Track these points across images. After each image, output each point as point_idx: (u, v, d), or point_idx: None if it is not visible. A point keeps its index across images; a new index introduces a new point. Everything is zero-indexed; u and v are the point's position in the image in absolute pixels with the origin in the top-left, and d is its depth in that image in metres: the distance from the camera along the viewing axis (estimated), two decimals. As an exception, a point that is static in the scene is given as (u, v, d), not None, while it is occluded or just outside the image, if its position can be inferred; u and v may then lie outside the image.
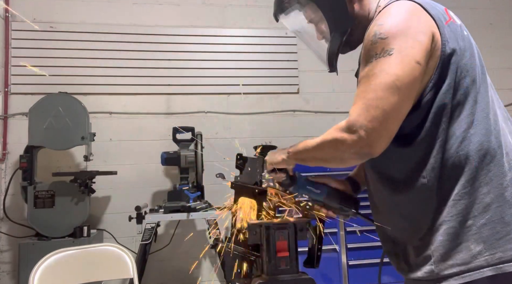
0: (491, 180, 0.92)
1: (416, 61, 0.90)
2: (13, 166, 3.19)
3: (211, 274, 3.43)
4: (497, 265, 0.88)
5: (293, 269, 1.23)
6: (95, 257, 1.86)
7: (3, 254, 3.13)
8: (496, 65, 4.02)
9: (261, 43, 3.70)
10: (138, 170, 3.39)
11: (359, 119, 0.89)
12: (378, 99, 0.89)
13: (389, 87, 0.89)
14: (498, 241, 0.89)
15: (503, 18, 4.15)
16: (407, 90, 0.90)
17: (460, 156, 0.93)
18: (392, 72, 0.89)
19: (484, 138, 0.94)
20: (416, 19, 0.94)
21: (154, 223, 2.73)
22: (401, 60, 0.90)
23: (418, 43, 0.91)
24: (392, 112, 0.89)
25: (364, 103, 0.90)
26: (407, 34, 0.92)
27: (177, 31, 3.60)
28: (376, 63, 0.92)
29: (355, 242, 2.96)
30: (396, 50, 0.90)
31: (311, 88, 3.71)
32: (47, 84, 3.26)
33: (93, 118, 3.18)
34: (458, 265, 0.90)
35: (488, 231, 0.90)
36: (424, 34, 0.92)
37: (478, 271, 0.88)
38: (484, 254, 0.89)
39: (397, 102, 0.89)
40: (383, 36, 0.92)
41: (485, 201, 0.91)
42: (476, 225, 0.91)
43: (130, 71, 3.45)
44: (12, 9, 3.34)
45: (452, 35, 0.97)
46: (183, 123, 3.33)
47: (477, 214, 0.91)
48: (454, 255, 0.91)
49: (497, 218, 0.91)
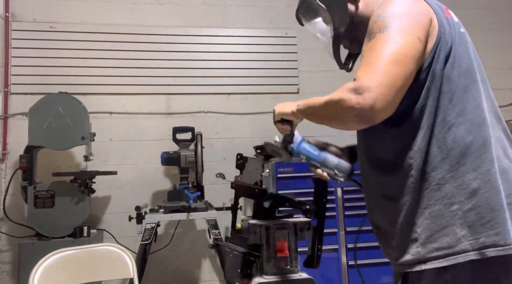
0: (479, 167, 0.95)
1: (417, 37, 0.94)
2: (13, 166, 3.19)
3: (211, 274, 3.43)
4: (480, 250, 0.90)
5: (293, 269, 1.23)
6: (95, 257, 1.86)
7: (3, 254, 3.13)
8: (496, 65, 4.02)
9: (261, 43, 3.70)
10: (138, 170, 3.40)
11: (367, 83, 0.90)
12: (386, 65, 0.91)
13: (395, 54, 0.92)
14: (483, 226, 0.92)
15: (503, 18, 4.15)
16: (411, 60, 0.93)
17: (447, 141, 0.96)
18: (397, 42, 0.93)
19: (473, 127, 0.97)
20: (417, 6, 0.99)
21: (154, 223, 2.73)
22: (404, 33, 0.94)
23: (419, 22, 0.96)
24: (398, 80, 0.91)
25: (372, 69, 0.92)
26: (409, 14, 0.97)
27: (177, 31, 3.60)
28: (380, 36, 0.95)
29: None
30: (399, 25, 0.95)
31: (311, 88, 3.70)
32: (47, 84, 3.26)
33: (93, 118, 3.17)
34: (443, 248, 0.93)
35: (473, 216, 0.93)
36: (424, 16, 0.98)
37: (462, 255, 0.91)
38: (468, 238, 0.92)
39: (402, 70, 0.92)
40: (386, 15, 0.97)
41: (472, 187, 0.94)
42: (462, 209, 0.93)
43: (130, 71, 3.45)
44: (12, 9, 3.34)
45: (448, 27, 1.01)
46: (183, 123, 3.33)
47: (463, 199, 0.94)
48: (440, 238, 0.94)
49: (483, 203, 0.93)
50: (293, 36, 3.72)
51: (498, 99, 1.15)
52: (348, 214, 2.98)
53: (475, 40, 1.13)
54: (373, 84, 0.89)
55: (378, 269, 2.94)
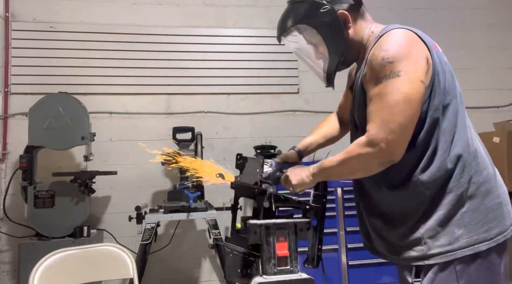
0: (471, 178, 1.14)
1: (421, 81, 1.08)
2: (13, 166, 3.19)
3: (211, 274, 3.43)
4: (474, 245, 1.10)
5: (293, 269, 1.23)
6: (95, 257, 1.86)
7: (3, 254, 3.13)
8: (496, 65, 4.02)
9: (261, 43, 3.70)
10: (138, 170, 3.39)
11: (379, 134, 1.07)
12: (394, 114, 1.06)
13: (403, 102, 1.06)
14: (475, 226, 1.11)
15: (503, 18, 4.15)
16: (416, 104, 1.08)
17: (446, 160, 1.13)
18: (403, 90, 1.06)
19: (464, 145, 1.15)
20: (415, 46, 1.12)
21: (154, 223, 2.73)
22: (409, 80, 1.07)
23: (420, 66, 1.09)
24: (406, 124, 1.07)
25: (381, 119, 1.07)
26: (410, 58, 1.09)
27: (177, 31, 3.60)
28: (387, 83, 1.08)
29: (355, 242, 2.96)
30: (403, 72, 1.07)
31: (311, 88, 3.70)
32: (47, 84, 3.27)
33: (93, 118, 3.18)
34: (444, 246, 1.11)
35: (468, 218, 1.12)
36: (423, 58, 1.11)
37: (460, 251, 1.10)
38: (464, 236, 1.10)
39: (410, 115, 1.07)
40: (390, 60, 1.08)
41: (467, 194, 1.13)
42: (459, 213, 1.12)
43: (130, 71, 3.45)
44: (12, 9, 3.34)
45: (438, 61, 1.15)
46: (183, 123, 3.33)
47: (460, 204, 1.12)
48: (441, 237, 1.12)
49: (474, 207, 1.13)
50: (293, 36, 3.72)
51: (498, 99, 1.19)
52: (348, 214, 2.97)
53: (475, 40, 1.16)
54: (384, 134, 1.06)
55: (378, 269, 2.94)
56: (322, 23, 1.24)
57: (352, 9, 1.26)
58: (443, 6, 4.06)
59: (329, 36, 1.25)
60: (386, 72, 1.08)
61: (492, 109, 3.89)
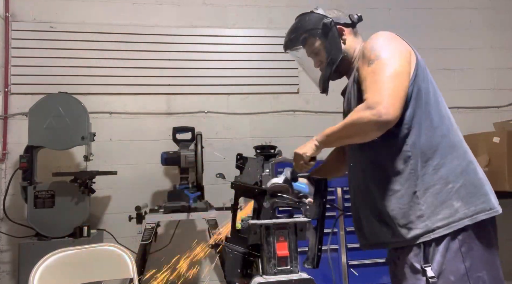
0: (459, 156, 1.27)
1: (406, 61, 1.26)
2: (13, 166, 3.19)
3: (209, 271, 3.43)
4: (472, 216, 1.21)
5: (293, 269, 1.24)
6: (95, 257, 1.86)
7: (3, 254, 3.13)
8: (496, 65, 4.02)
9: (261, 43, 3.70)
10: (138, 170, 3.39)
11: (376, 98, 1.18)
12: (386, 82, 1.19)
13: (394, 73, 1.21)
14: (472, 198, 1.22)
15: (503, 18, 4.15)
16: (406, 76, 1.23)
17: (435, 138, 1.26)
18: (393, 65, 1.22)
19: (450, 128, 1.29)
20: (399, 40, 1.32)
21: (154, 223, 2.73)
22: (396, 58, 1.25)
23: (403, 52, 1.27)
24: (399, 89, 1.19)
25: (377, 86, 1.20)
26: (396, 46, 1.28)
27: (177, 31, 3.60)
28: (378, 62, 1.24)
29: (355, 242, 2.96)
30: (391, 54, 1.26)
31: (311, 88, 3.66)
32: (47, 84, 3.26)
33: (93, 118, 3.17)
34: (445, 218, 1.21)
35: (464, 191, 1.23)
36: (405, 48, 1.29)
37: (460, 222, 1.20)
38: (462, 208, 1.21)
39: (401, 84, 1.21)
40: (379, 46, 1.28)
41: (458, 171, 1.25)
42: (455, 187, 1.23)
43: (130, 71, 3.45)
44: (12, 9, 3.34)
45: (421, 58, 1.33)
46: (183, 123, 3.33)
47: (454, 179, 1.23)
48: (441, 211, 1.21)
49: (468, 182, 1.24)
50: (293, 36, 3.72)
51: (498, 99, 1.21)
52: (348, 214, 2.97)
53: (475, 40, 1.17)
54: (381, 98, 1.16)
55: (378, 269, 2.94)
56: (324, 32, 1.45)
57: (347, 27, 1.48)
58: (443, 6, 4.06)
59: (328, 44, 1.46)
60: (376, 54, 1.24)
61: (492, 109, 3.89)
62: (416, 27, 3.94)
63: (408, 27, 3.87)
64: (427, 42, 3.83)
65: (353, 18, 1.49)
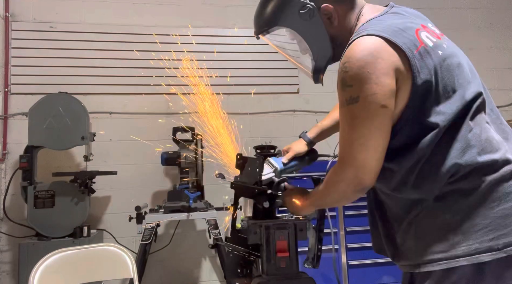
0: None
1: (381, 105, 0.98)
2: (13, 166, 3.19)
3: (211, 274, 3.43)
4: (473, 255, 0.95)
5: (293, 269, 1.23)
6: (95, 257, 1.86)
7: (3, 254, 3.13)
8: (496, 65, 4.02)
9: (261, 43, 3.67)
10: (138, 170, 3.39)
11: (346, 167, 1.03)
12: (355, 149, 1.01)
13: (362, 136, 1.00)
14: (476, 233, 0.97)
15: (503, 18, 4.15)
16: (377, 131, 1.00)
17: (437, 171, 1.01)
18: (360, 118, 1.00)
19: (459, 157, 1.00)
20: (379, 62, 0.97)
21: (154, 223, 2.73)
22: (368, 107, 0.98)
23: (381, 86, 0.97)
24: (370, 156, 1.00)
25: (346, 152, 1.04)
26: (371, 79, 0.97)
27: (177, 31, 3.59)
28: (347, 110, 1.02)
29: (355, 242, 2.96)
30: (361, 97, 0.98)
31: (311, 88, 3.68)
32: (47, 84, 3.26)
33: (93, 118, 3.17)
34: (436, 253, 1.00)
35: (468, 223, 0.98)
36: (387, 75, 0.97)
37: (454, 260, 0.97)
38: (461, 244, 0.97)
39: (372, 146, 1.00)
40: (349, 83, 1.00)
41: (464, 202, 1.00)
42: (458, 217, 0.99)
43: (130, 71, 3.45)
44: (12, 9, 3.34)
45: (424, 64, 1.00)
46: (183, 123, 3.33)
47: (457, 211, 1.00)
48: (435, 243, 1.00)
49: (474, 215, 0.99)
50: (293, 36, 3.72)
51: (498, 99, 1.16)
52: (348, 214, 2.98)
53: (475, 40, 1.14)
54: (351, 168, 1.02)
55: (378, 269, 2.94)
56: (302, 23, 1.14)
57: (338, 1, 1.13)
58: (443, 6, 4.06)
59: (310, 38, 1.16)
60: (346, 96, 1.01)
61: (492, 109, 3.88)
62: (416, 27, 3.94)
63: (408, 27, 3.87)
64: (427, 42, 3.83)
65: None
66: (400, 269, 1.15)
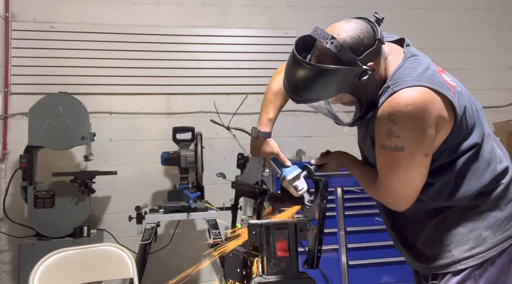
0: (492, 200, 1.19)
1: (424, 154, 1.10)
2: (13, 166, 3.19)
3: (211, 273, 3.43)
4: (499, 245, 1.14)
5: (293, 269, 1.23)
6: (95, 257, 1.86)
7: (3, 254, 3.13)
8: (496, 65, 4.02)
9: (261, 43, 3.70)
10: (138, 170, 3.39)
11: (385, 198, 1.20)
12: (397, 187, 1.15)
13: (404, 179, 1.13)
14: (499, 226, 1.16)
15: (503, 18, 4.15)
16: (416, 177, 1.13)
17: (479, 182, 1.18)
18: (405, 166, 1.11)
19: (486, 169, 1.18)
20: (427, 115, 1.06)
21: (154, 223, 2.73)
22: (412, 157, 1.09)
23: (426, 138, 1.08)
24: (408, 193, 1.15)
25: (387, 188, 1.18)
26: (418, 134, 1.07)
27: (177, 31, 3.59)
28: (390, 154, 1.11)
29: (355, 242, 2.96)
30: (407, 148, 1.08)
31: (311, 88, 3.70)
32: (47, 84, 3.26)
33: (93, 118, 3.17)
34: (472, 248, 1.15)
35: (492, 219, 1.17)
36: (431, 127, 1.07)
37: (488, 252, 1.14)
38: (490, 237, 1.15)
39: (410, 186, 1.14)
40: (396, 135, 1.08)
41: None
42: (484, 214, 1.18)
43: (130, 71, 3.45)
44: (12, 9, 3.34)
45: (459, 105, 1.12)
46: (183, 123, 3.33)
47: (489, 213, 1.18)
48: (469, 241, 1.16)
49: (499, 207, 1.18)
50: (293, 36, 3.72)
51: (498, 99, 1.19)
52: (348, 214, 2.97)
53: (475, 40, 1.15)
54: (390, 200, 1.19)
55: (378, 269, 2.94)
56: (359, 85, 1.10)
57: (373, 52, 1.12)
58: (443, 6, 4.06)
59: (363, 96, 1.14)
60: (391, 143, 1.09)
61: (492, 109, 3.88)
62: (416, 27, 3.94)
63: (408, 27, 3.88)
64: (427, 42, 3.83)
65: (377, 35, 1.12)
66: (420, 271, 1.28)
